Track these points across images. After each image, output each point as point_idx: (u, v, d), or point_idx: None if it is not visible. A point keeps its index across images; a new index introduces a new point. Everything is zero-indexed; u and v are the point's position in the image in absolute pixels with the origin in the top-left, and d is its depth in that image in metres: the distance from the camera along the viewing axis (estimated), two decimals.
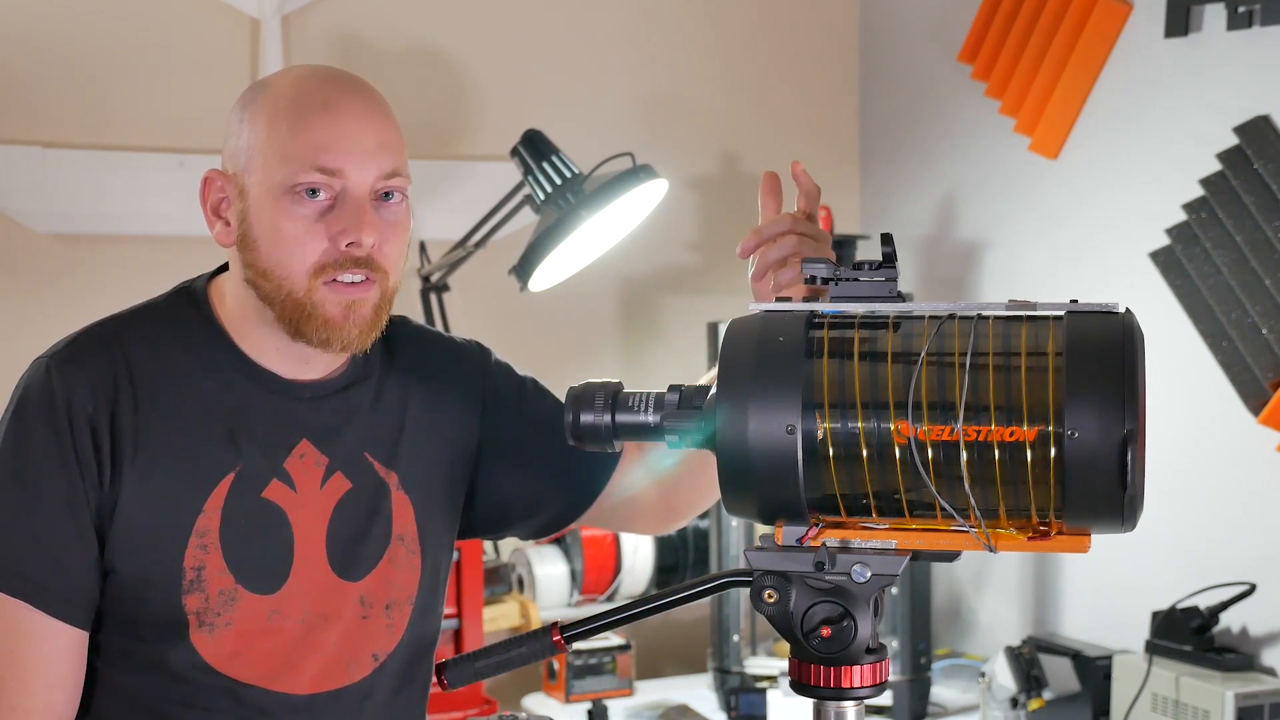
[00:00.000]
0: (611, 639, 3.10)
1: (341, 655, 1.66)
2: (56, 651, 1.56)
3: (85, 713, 1.62)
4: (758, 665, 3.09)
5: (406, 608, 1.71)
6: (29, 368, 1.61)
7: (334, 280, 1.57)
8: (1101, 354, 1.16)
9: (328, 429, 1.67)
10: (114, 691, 1.62)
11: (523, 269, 2.77)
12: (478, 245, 3.00)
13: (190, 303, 1.67)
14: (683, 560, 3.28)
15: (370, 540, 1.69)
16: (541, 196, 2.76)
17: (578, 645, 2.99)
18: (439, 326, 3.02)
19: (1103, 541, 1.24)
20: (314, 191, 1.56)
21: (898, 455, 1.19)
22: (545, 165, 2.75)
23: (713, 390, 1.26)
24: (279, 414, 1.64)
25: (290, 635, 1.63)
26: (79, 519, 1.56)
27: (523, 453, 1.81)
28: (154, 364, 1.61)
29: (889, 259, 1.29)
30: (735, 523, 3.06)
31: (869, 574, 1.25)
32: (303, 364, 1.66)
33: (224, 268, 1.69)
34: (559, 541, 3.25)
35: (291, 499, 1.64)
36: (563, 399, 1.38)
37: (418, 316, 2.68)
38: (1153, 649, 2.72)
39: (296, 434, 1.65)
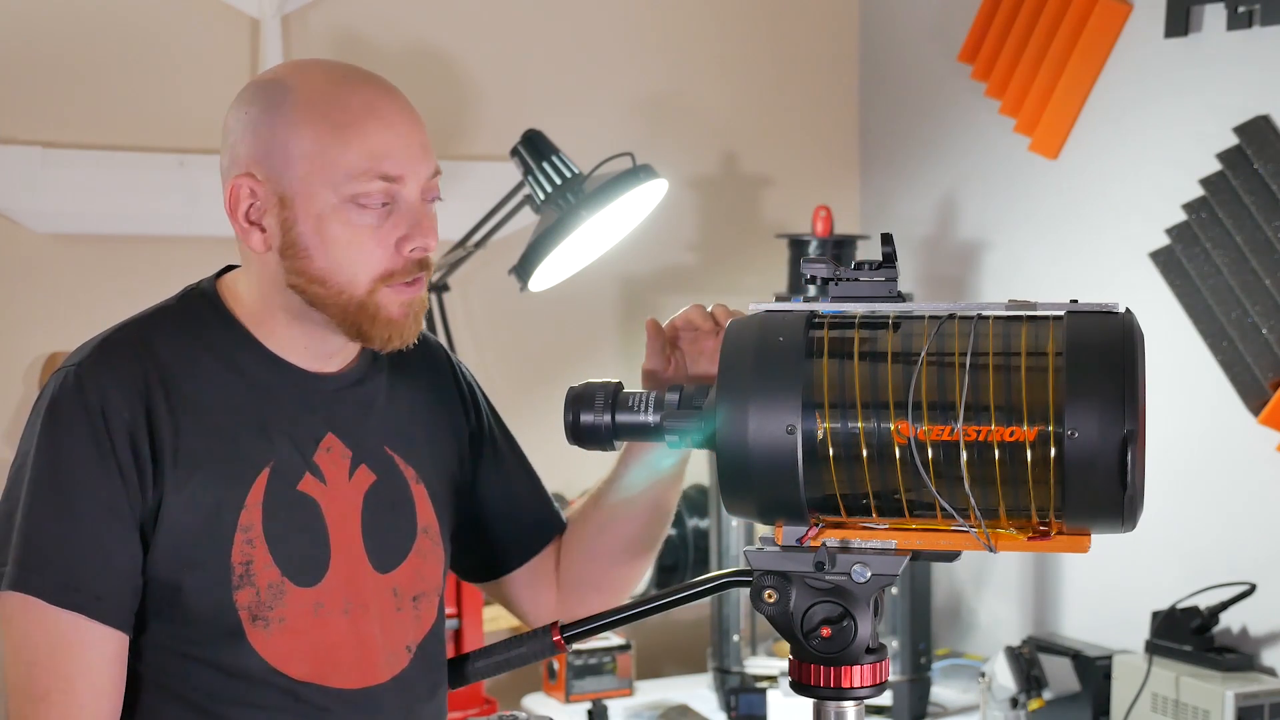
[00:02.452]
0: (611, 639, 3.09)
1: (383, 648, 1.67)
2: (102, 659, 1.54)
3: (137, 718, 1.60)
4: (758, 665, 3.08)
5: (433, 598, 1.73)
6: (51, 379, 1.59)
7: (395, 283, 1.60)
8: (1101, 354, 1.16)
9: (350, 422, 1.68)
10: (167, 696, 1.60)
11: (523, 269, 2.77)
12: (478, 245, 2.99)
13: (205, 303, 1.66)
14: (683, 560, 3.27)
15: (399, 532, 1.70)
16: (541, 196, 2.76)
17: (577, 645, 2.98)
18: (439, 327, 3.02)
19: (1103, 541, 1.24)
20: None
21: (898, 455, 1.19)
22: (545, 165, 2.75)
23: (713, 390, 1.26)
24: (305, 406, 1.65)
25: (338, 628, 1.63)
26: (121, 522, 1.55)
27: (498, 470, 1.85)
28: (181, 364, 1.61)
29: (889, 259, 1.30)
30: (735, 523, 3.06)
31: (869, 574, 1.26)
32: (326, 359, 1.67)
33: (227, 269, 1.70)
34: None
35: (323, 491, 1.64)
36: (562, 400, 1.38)
37: None
38: (1153, 649, 2.72)
39: (322, 427, 1.66)
